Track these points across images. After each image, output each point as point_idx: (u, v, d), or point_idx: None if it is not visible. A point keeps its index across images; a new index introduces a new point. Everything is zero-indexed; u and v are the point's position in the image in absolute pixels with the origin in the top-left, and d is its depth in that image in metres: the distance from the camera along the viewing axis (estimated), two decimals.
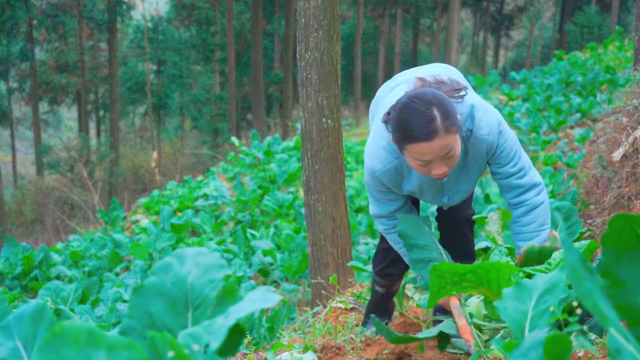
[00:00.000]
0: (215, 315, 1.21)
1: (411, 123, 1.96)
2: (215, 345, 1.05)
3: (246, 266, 7.60)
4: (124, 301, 6.29)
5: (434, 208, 7.02)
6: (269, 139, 13.84)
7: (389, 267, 2.67)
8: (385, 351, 2.30)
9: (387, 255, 2.62)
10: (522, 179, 2.30)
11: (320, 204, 4.08)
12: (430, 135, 1.95)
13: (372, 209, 2.43)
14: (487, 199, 7.55)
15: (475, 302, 2.38)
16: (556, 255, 2.49)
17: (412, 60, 34.60)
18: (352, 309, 3.10)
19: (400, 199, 2.40)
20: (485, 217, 3.45)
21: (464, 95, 2.15)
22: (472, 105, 2.17)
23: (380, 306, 2.78)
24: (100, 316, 6.00)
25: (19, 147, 31.03)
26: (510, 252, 2.65)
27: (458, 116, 2.01)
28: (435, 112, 1.95)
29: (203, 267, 1.27)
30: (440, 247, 2.42)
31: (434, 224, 2.62)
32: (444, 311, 2.63)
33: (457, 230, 2.59)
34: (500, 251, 2.69)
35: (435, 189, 2.33)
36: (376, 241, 8.01)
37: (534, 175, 2.32)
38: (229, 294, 1.24)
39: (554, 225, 2.87)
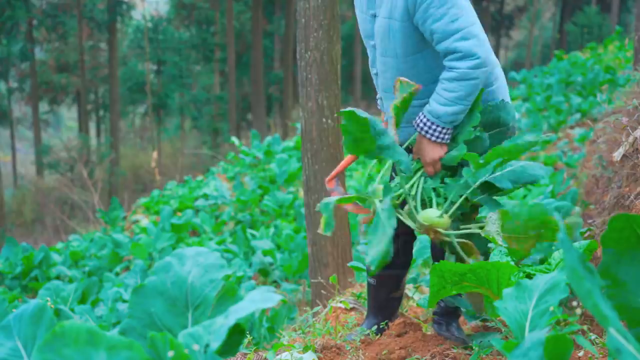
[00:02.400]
0: (216, 315, 1.21)
1: None
2: (215, 345, 1.05)
3: (246, 266, 7.60)
4: (124, 301, 6.29)
5: None
6: (269, 139, 13.84)
7: None
8: (385, 351, 2.30)
9: None
10: (462, 42, 2.12)
11: None
12: None
13: None
14: None
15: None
16: (556, 255, 2.49)
17: None
18: (352, 309, 3.10)
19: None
20: (485, 217, 3.45)
21: None
22: None
23: (376, 301, 2.65)
24: (100, 316, 6.00)
25: (19, 147, 31.04)
26: (511, 251, 2.65)
27: None
28: None
29: (203, 267, 1.27)
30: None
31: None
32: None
33: None
34: (500, 251, 2.69)
35: (366, 27, 2.39)
36: None
37: (476, 45, 2.13)
38: (229, 294, 1.24)
39: None
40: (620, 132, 3.55)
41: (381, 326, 2.61)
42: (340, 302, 3.14)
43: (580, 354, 2.08)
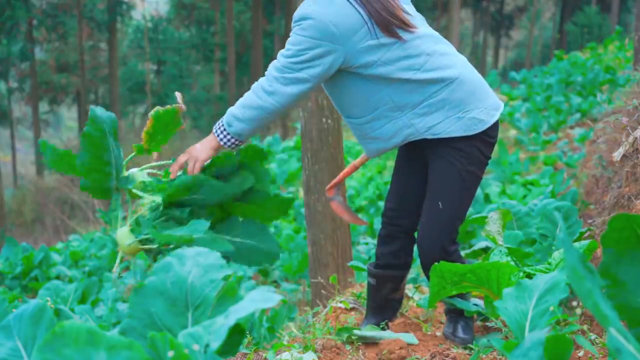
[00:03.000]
0: (216, 315, 1.21)
1: None
2: (215, 345, 1.05)
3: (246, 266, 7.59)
4: (124, 301, 6.29)
5: None
6: (268, 138, 13.84)
7: (382, 245, 2.56)
8: (385, 351, 2.30)
9: (382, 232, 2.56)
10: (272, 69, 2.19)
11: (320, 204, 4.08)
12: None
13: None
14: (487, 198, 7.55)
15: None
16: (556, 255, 2.49)
17: None
18: (352, 309, 3.10)
19: None
20: (485, 217, 3.45)
21: None
22: None
23: (375, 301, 2.64)
24: (100, 316, 6.00)
25: (19, 147, 31.05)
26: (511, 251, 2.65)
27: None
28: None
29: (203, 267, 1.27)
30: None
31: None
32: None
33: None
34: (500, 251, 2.69)
35: None
36: (376, 241, 7.91)
37: (278, 81, 2.16)
38: (229, 294, 1.24)
39: (554, 224, 2.87)
40: (620, 132, 3.55)
41: (381, 326, 2.60)
42: (340, 302, 3.14)
43: (580, 354, 2.08)
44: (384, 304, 2.64)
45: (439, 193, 2.31)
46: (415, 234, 2.53)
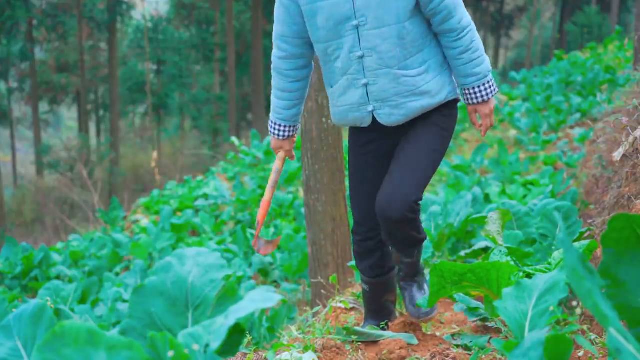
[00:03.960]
0: (216, 315, 1.21)
1: None
2: (215, 345, 1.05)
3: (246, 266, 7.60)
4: (124, 301, 6.29)
5: None
6: (268, 138, 13.83)
7: (362, 260, 2.58)
8: (385, 351, 2.30)
9: (357, 249, 2.57)
10: (454, 18, 2.27)
11: (320, 204, 4.08)
12: None
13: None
14: (487, 198, 7.55)
15: None
16: (556, 255, 2.49)
17: None
18: (352, 309, 3.10)
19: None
20: (485, 217, 3.45)
21: None
22: None
23: (372, 305, 2.67)
24: (100, 316, 6.00)
25: (19, 147, 31.04)
26: (511, 251, 2.65)
27: None
28: None
29: (203, 267, 1.27)
30: None
31: None
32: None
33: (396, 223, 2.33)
34: (500, 251, 2.69)
35: (342, 11, 2.25)
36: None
37: (464, 17, 2.29)
38: (229, 294, 1.24)
39: (554, 224, 2.87)
40: (620, 132, 3.55)
41: (381, 326, 2.62)
42: (340, 302, 3.14)
43: (580, 354, 2.08)
44: (381, 306, 2.68)
45: (416, 154, 2.34)
46: None
